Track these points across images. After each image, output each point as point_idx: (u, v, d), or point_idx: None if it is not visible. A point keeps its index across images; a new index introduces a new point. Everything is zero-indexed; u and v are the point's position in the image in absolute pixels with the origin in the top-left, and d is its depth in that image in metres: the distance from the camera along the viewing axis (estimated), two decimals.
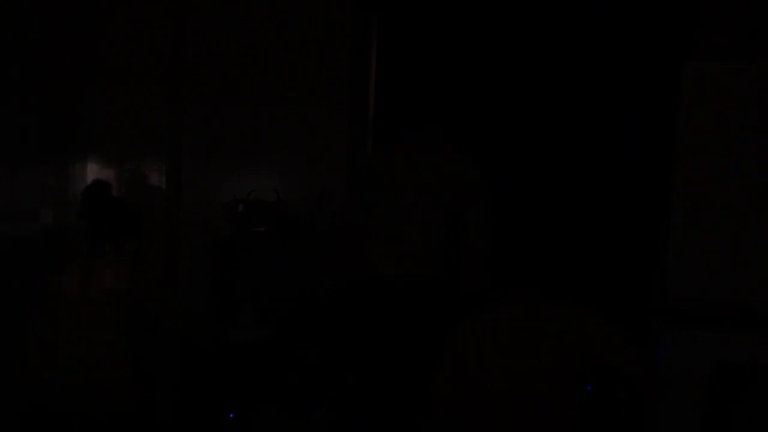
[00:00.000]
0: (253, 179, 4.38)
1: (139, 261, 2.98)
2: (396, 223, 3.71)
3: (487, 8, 4.40)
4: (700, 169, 3.71)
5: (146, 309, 2.88)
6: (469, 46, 4.44)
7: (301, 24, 4.37)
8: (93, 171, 4.43)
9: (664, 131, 4.04)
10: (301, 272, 4.24)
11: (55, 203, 4.17)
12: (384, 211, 3.73)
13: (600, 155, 4.29)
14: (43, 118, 4.03)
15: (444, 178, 3.69)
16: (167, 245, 4.41)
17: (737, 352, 3.58)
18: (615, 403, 3.54)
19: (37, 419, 2.89)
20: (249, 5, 4.45)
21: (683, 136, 3.74)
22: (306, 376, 4.17)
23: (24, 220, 3.99)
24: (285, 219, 4.25)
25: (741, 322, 3.64)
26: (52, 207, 4.16)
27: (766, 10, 3.61)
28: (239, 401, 3.94)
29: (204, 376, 3.85)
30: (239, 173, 4.47)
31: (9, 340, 3.18)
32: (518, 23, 4.38)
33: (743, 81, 3.65)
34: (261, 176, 4.40)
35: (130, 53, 4.41)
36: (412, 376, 3.61)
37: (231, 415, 3.92)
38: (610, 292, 4.13)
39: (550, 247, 2.97)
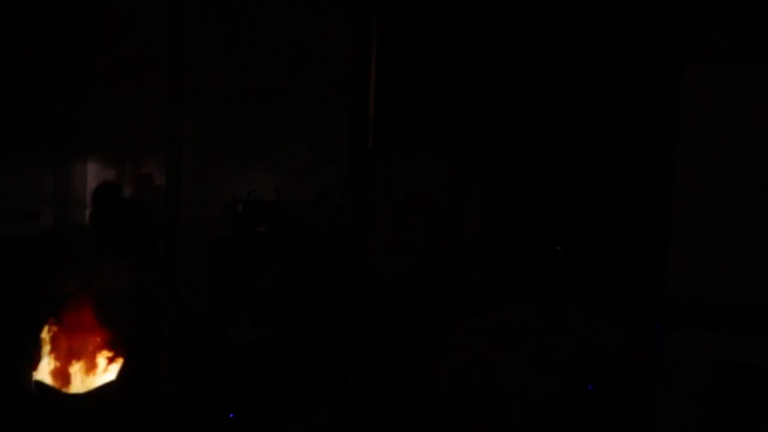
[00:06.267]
0: (253, 179, 4.39)
1: (139, 261, 2.97)
2: (396, 222, 3.70)
3: (487, 8, 4.40)
4: (700, 169, 3.71)
5: (147, 309, 2.88)
6: (470, 45, 4.44)
7: (301, 24, 4.37)
8: (93, 171, 4.43)
9: (664, 131, 4.05)
10: (301, 272, 4.24)
11: (55, 203, 4.17)
12: (383, 210, 3.73)
13: (600, 155, 4.29)
14: (43, 117, 4.03)
15: (444, 177, 3.68)
16: (167, 245, 4.41)
17: (737, 352, 3.59)
18: (615, 403, 3.54)
19: (37, 420, 2.89)
20: (249, 5, 4.46)
21: (683, 136, 3.74)
22: (306, 376, 4.17)
23: (24, 220, 3.99)
24: (285, 219, 4.25)
25: (741, 322, 3.64)
26: (52, 207, 4.15)
27: (766, 10, 3.61)
28: (239, 401, 3.94)
29: (204, 376, 3.85)
30: (239, 173, 4.47)
31: (9, 341, 3.18)
32: (518, 22, 4.38)
33: (743, 81, 3.65)
34: (261, 176, 4.41)
35: (130, 53, 4.41)
36: (413, 376, 3.61)
37: (231, 415, 3.92)
38: (610, 292, 4.13)
39: (551, 247, 2.97)
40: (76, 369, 2.83)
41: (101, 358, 2.82)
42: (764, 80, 3.64)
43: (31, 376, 2.88)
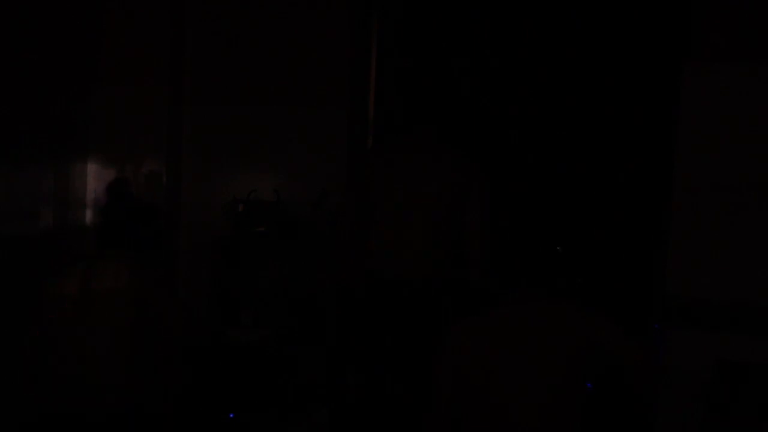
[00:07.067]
0: (253, 179, 4.39)
1: (139, 261, 2.97)
2: (396, 222, 3.71)
3: (487, 8, 4.41)
4: (700, 169, 3.71)
5: (147, 309, 2.88)
6: (470, 45, 4.44)
7: (301, 24, 4.37)
8: (93, 171, 4.43)
9: (664, 131, 4.05)
10: (301, 272, 4.24)
11: (55, 203, 4.17)
12: (383, 210, 3.73)
13: (600, 155, 4.29)
14: (43, 117, 4.03)
15: (444, 177, 3.69)
16: (167, 245, 4.41)
17: (737, 352, 3.59)
18: (615, 403, 3.54)
19: (37, 420, 2.89)
20: (249, 5, 4.46)
21: (683, 136, 3.74)
22: (306, 376, 4.17)
23: (24, 220, 3.99)
24: (285, 219, 4.25)
25: (741, 322, 3.64)
26: (52, 207, 4.15)
27: (766, 10, 3.61)
28: (239, 401, 3.94)
29: (204, 376, 3.85)
30: (239, 173, 4.47)
31: (9, 341, 3.17)
32: (518, 22, 4.38)
33: (743, 81, 3.65)
34: (261, 176, 4.41)
35: (130, 53, 4.41)
36: (413, 376, 3.61)
37: (231, 415, 3.92)
38: (610, 292, 4.13)
39: (551, 247, 2.97)
40: None
41: None
42: (764, 80, 3.64)
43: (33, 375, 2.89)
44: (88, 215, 4.42)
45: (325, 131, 4.36)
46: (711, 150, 3.69)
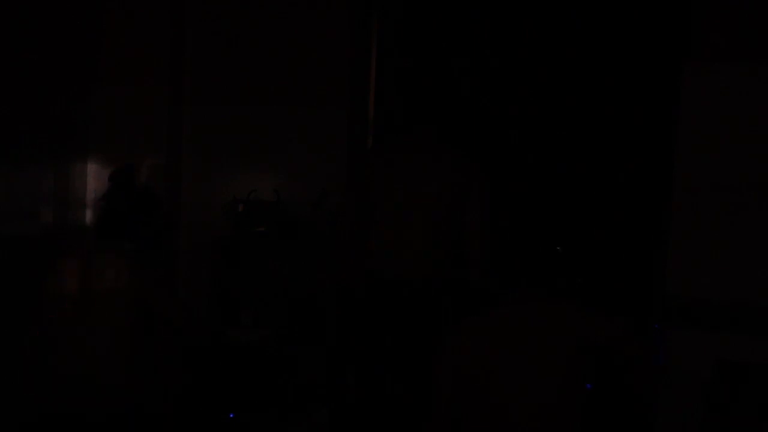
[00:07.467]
0: (253, 179, 4.39)
1: (139, 261, 2.97)
2: (396, 222, 3.71)
3: (487, 8, 4.41)
4: (700, 169, 3.71)
5: (147, 309, 2.88)
6: (470, 45, 4.44)
7: (301, 24, 4.37)
8: (93, 171, 4.43)
9: (664, 131, 4.05)
10: (301, 272, 4.24)
11: (55, 203, 4.17)
12: (383, 210, 3.73)
13: (600, 155, 4.29)
14: (43, 117, 4.03)
15: (444, 177, 3.69)
16: (167, 245, 4.41)
17: (737, 352, 3.59)
18: (615, 402, 3.54)
19: (37, 420, 2.89)
20: (249, 5, 4.46)
21: (683, 136, 3.75)
22: (306, 376, 4.17)
23: (24, 220, 3.99)
24: (285, 219, 4.25)
25: (741, 322, 3.64)
26: (52, 207, 4.16)
27: (766, 10, 3.61)
28: (239, 401, 3.94)
29: (204, 376, 3.85)
30: (239, 173, 4.47)
31: (9, 341, 3.18)
32: (518, 22, 4.39)
33: (743, 81, 3.66)
34: (261, 176, 4.41)
35: (130, 53, 4.41)
36: (413, 376, 3.61)
37: (231, 415, 3.92)
38: (610, 292, 4.13)
39: (551, 247, 2.97)
40: None
41: None
42: (764, 80, 3.64)
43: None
44: (88, 215, 4.42)
45: (325, 131, 4.36)
46: (711, 150, 3.69)
